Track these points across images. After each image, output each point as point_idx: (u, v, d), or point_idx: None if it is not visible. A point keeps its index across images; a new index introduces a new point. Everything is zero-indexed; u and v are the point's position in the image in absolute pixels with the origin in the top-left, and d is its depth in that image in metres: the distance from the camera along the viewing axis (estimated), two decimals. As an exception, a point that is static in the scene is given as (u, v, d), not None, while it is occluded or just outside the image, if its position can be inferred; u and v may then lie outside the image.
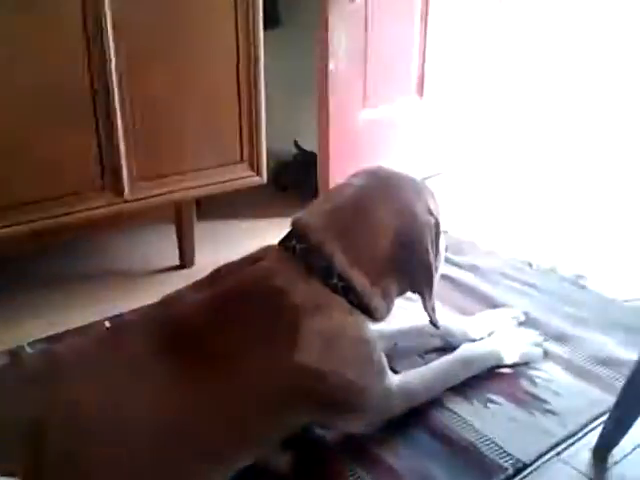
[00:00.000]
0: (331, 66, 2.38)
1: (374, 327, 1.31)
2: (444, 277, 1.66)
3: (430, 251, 1.27)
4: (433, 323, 1.33)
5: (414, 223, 1.28)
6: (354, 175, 1.38)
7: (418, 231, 1.27)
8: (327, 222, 1.26)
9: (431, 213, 1.32)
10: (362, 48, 2.45)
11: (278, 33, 2.57)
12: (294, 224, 1.31)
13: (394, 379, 1.33)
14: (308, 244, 1.25)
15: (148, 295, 1.82)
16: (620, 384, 1.46)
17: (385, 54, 2.52)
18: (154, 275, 2.09)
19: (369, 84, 2.50)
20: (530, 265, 2.04)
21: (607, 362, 1.56)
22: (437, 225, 1.32)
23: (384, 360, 1.31)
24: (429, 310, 1.31)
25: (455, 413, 1.39)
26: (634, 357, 1.55)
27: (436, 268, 1.32)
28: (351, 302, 1.24)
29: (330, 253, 1.23)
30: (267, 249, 1.31)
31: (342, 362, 1.22)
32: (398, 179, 1.35)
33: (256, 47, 1.98)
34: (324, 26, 2.33)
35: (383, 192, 1.30)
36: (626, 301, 1.84)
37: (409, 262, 1.27)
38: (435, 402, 1.40)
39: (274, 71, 2.17)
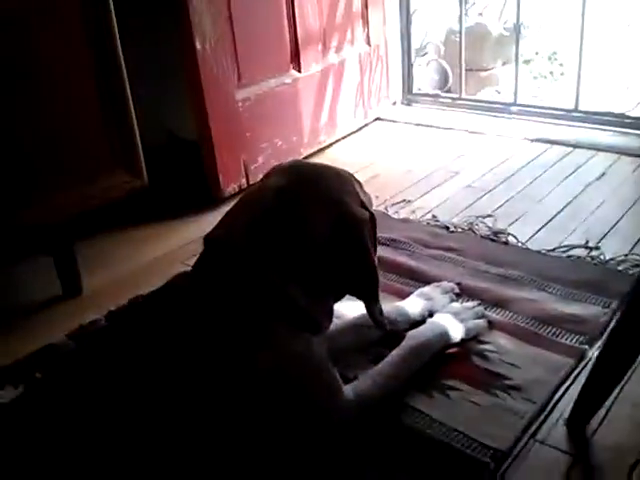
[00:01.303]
0: (198, 45, 2.14)
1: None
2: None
3: (371, 251, 1.12)
4: (381, 326, 1.19)
5: (349, 222, 1.11)
6: (268, 174, 1.19)
7: (355, 230, 1.11)
8: (249, 236, 1.07)
9: (364, 206, 1.16)
10: (228, 23, 2.22)
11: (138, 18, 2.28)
12: (209, 243, 1.10)
13: (349, 391, 1.18)
14: (233, 265, 1.05)
15: (31, 338, 1.57)
16: (568, 342, 1.42)
17: (254, 29, 2.31)
18: (36, 314, 1.73)
19: (242, 62, 2.29)
20: (447, 228, 1.95)
21: (550, 320, 1.49)
22: (373, 219, 1.16)
23: (336, 376, 1.16)
24: (376, 315, 1.16)
25: (417, 410, 1.25)
26: (574, 310, 1.52)
27: None
28: (293, 321, 1.07)
29: (261, 272, 1.04)
30: (181, 278, 1.10)
31: (299, 391, 1.06)
32: (321, 173, 1.17)
33: (112, 37, 1.71)
34: (184, 3, 2.09)
35: (308, 191, 1.12)
36: (550, 251, 1.79)
37: (348, 266, 1.11)
38: (394, 402, 1.26)
39: (137, 59, 1.91)
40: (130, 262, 1.91)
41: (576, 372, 1.33)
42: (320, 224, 1.10)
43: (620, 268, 1.69)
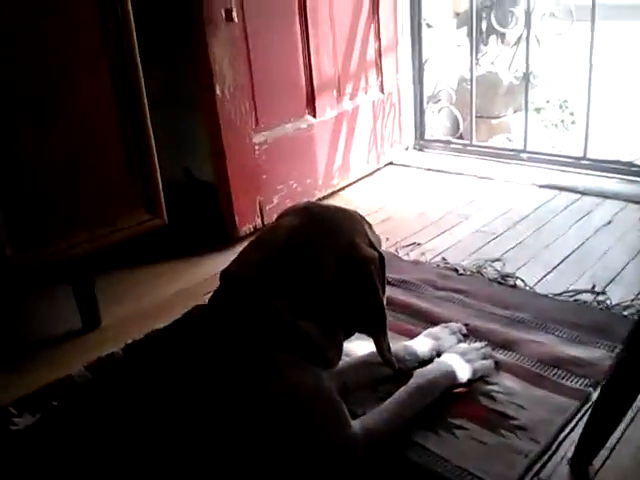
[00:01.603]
0: (218, 92, 2.24)
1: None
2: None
3: (379, 289, 1.17)
4: (390, 364, 1.23)
5: (358, 261, 1.17)
6: (283, 215, 1.26)
7: (364, 268, 1.17)
8: (264, 272, 1.13)
9: (373, 246, 1.22)
10: (247, 70, 2.33)
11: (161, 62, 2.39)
12: (225, 278, 1.16)
13: (356, 426, 1.21)
14: (246, 299, 1.10)
15: (51, 369, 1.62)
16: (573, 384, 1.44)
17: (271, 75, 2.41)
18: (56, 346, 1.79)
19: (259, 107, 2.38)
20: (456, 271, 1.99)
21: (556, 363, 1.52)
22: (381, 258, 1.22)
23: (345, 410, 1.19)
24: (384, 351, 1.21)
25: (425, 448, 1.28)
26: (579, 353, 1.55)
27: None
28: (303, 355, 1.11)
29: (273, 307, 1.09)
30: (197, 312, 1.15)
31: (307, 423, 1.10)
32: (332, 214, 1.24)
33: (137, 83, 1.80)
34: (204, 51, 2.19)
35: (320, 231, 1.18)
36: (557, 295, 1.82)
37: (357, 303, 1.17)
38: (402, 439, 1.29)
39: (158, 102, 2.00)
40: (148, 297, 1.97)
41: (581, 414, 1.36)
42: (330, 262, 1.15)
43: (625, 313, 1.72)
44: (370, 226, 1.28)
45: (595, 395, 1.40)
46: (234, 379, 1.05)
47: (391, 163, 3.02)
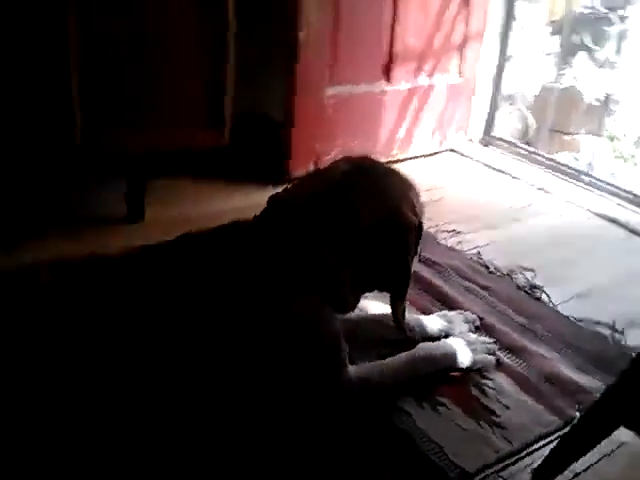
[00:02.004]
0: (301, 36, 2.27)
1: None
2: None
3: (410, 254, 1.22)
4: (401, 328, 1.29)
5: (398, 222, 1.22)
6: (339, 161, 1.31)
7: (401, 231, 1.22)
8: (309, 205, 1.19)
9: (416, 214, 1.26)
10: (331, 20, 2.34)
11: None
12: (273, 202, 1.22)
13: (351, 371, 1.29)
14: (291, 224, 1.17)
15: (86, 245, 1.77)
16: (563, 404, 1.47)
17: (354, 34, 2.43)
18: (97, 227, 1.96)
19: (338, 61, 2.42)
20: (487, 268, 2.02)
21: (554, 380, 1.54)
22: (420, 227, 1.26)
23: (346, 355, 1.27)
24: (399, 314, 1.26)
25: (408, 415, 1.35)
26: (579, 379, 1.56)
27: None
28: (325, 292, 1.18)
29: (311, 238, 1.16)
30: (239, 226, 1.22)
31: (314, 354, 1.20)
32: (385, 173, 1.29)
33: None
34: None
35: (370, 184, 1.23)
36: (579, 321, 1.82)
37: (387, 263, 1.22)
38: (389, 402, 1.36)
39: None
40: (193, 207, 2.12)
41: (560, 432, 1.38)
42: (372, 216, 1.20)
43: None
44: (418, 195, 1.32)
45: (579, 419, 1.43)
46: (262, 292, 1.13)
47: (452, 150, 3.02)
